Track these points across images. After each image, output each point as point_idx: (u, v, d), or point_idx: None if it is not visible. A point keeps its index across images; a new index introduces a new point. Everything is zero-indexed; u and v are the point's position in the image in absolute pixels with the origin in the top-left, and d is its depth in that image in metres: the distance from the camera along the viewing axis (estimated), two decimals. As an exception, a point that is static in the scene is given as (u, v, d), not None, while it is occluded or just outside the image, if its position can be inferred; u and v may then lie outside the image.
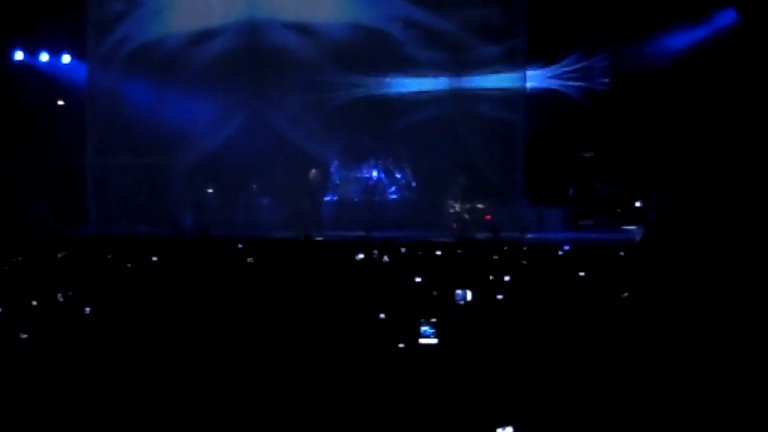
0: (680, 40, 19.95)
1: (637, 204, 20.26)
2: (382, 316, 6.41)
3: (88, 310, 6.94)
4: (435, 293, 7.66)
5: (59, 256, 11.64)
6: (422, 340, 5.51)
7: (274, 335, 5.82)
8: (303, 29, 21.17)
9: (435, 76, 20.95)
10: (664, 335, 4.05)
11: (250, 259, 10.99)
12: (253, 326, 6.15)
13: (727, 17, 19.60)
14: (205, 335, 5.87)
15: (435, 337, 5.51)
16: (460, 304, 7.22)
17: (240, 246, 12.90)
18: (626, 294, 5.80)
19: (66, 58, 22.78)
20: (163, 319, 6.56)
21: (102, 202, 21.85)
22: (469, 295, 7.44)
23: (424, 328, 5.53)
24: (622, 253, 10.35)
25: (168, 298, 7.75)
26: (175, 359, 5.20)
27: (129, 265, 10.61)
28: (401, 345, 5.41)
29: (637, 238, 13.89)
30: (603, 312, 5.49)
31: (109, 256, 11.60)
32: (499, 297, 7.35)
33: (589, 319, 5.31)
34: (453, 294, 7.38)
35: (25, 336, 5.68)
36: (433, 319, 5.56)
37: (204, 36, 21.52)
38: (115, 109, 21.85)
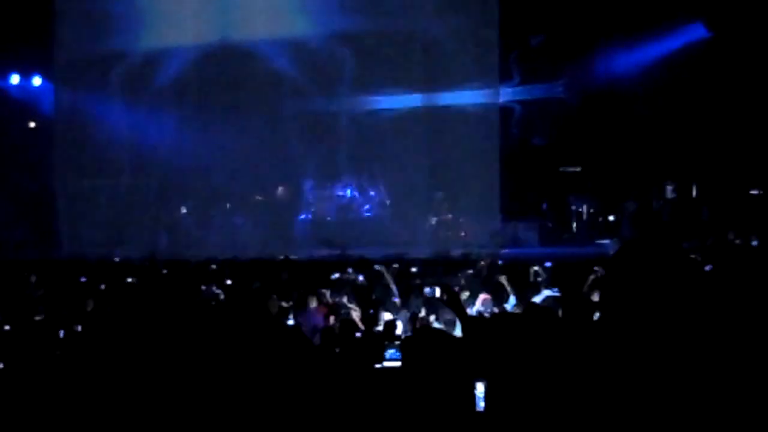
0: (650, 54, 20.08)
1: (611, 218, 20.35)
2: (358, 335, 6.40)
3: (62, 333, 6.90)
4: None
5: (32, 280, 11.55)
6: (387, 363, 5.49)
7: (250, 358, 5.78)
8: (276, 47, 21.15)
9: (408, 92, 20.96)
10: (637, 351, 4.04)
11: (228, 281, 10.96)
12: (228, 349, 6.11)
13: (696, 31, 19.76)
14: (180, 358, 5.82)
15: (400, 360, 5.49)
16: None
17: (213, 267, 12.86)
18: (598, 313, 5.80)
19: (37, 81, 22.65)
20: (138, 341, 6.51)
21: (73, 224, 21.66)
22: (437, 292, 7.50)
23: (389, 351, 5.52)
24: (596, 268, 10.38)
25: (142, 320, 7.69)
26: (151, 381, 5.17)
27: (102, 287, 10.56)
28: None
29: (611, 252, 13.95)
30: (577, 329, 5.48)
31: (83, 279, 11.54)
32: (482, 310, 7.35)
33: (563, 336, 5.31)
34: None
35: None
36: (397, 342, 5.56)
37: (175, 55, 21.43)
38: (84, 130, 21.67)
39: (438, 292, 7.65)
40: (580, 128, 20.31)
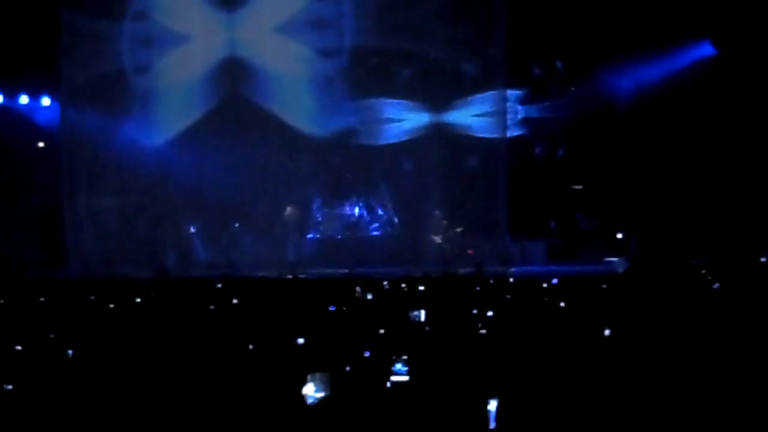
0: (658, 72, 20.10)
1: (619, 236, 20.32)
2: (366, 354, 6.38)
3: (70, 352, 6.89)
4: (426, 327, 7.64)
5: (41, 300, 11.55)
6: (394, 378, 5.46)
7: (259, 376, 5.78)
8: (284, 66, 21.20)
9: (415, 110, 20.99)
10: (647, 368, 4.05)
11: (234, 300, 10.94)
12: (236, 367, 6.11)
13: (704, 50, 19.78)
14: (189, 376, 5.82)
15: (407, 375, 5.47)
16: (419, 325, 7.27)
17: (219, 286, 12.82)
18: (608, 330, 5.80)
19: (45, 101, 22.73)
20: (146, 361, 6.51)
21: (81, 243, 21.68)
22: (422, 316, 7.49)
23: (396, 366, 5.49)
24: (604, 286, 10.36)
25: (150, 339, 7.70)
26: (159, 401, 5.16)
27: (111, 306, 10.55)
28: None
29: (620, 270, 13.93)
30: (586, 346, 5.48)
31: (92, 297, 11.53)
32: (482, 331, 7.34)
33: (572, 353, 5.30)
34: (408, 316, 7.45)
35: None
36: (405, 356, 5.53)
37: (183, 74, 21.51)
38: (91, 149, 21.72)
39: (423, 316, 7.65)
40: (588, 145, 20.33)
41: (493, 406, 4.22)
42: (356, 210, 21.60)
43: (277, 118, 21.16)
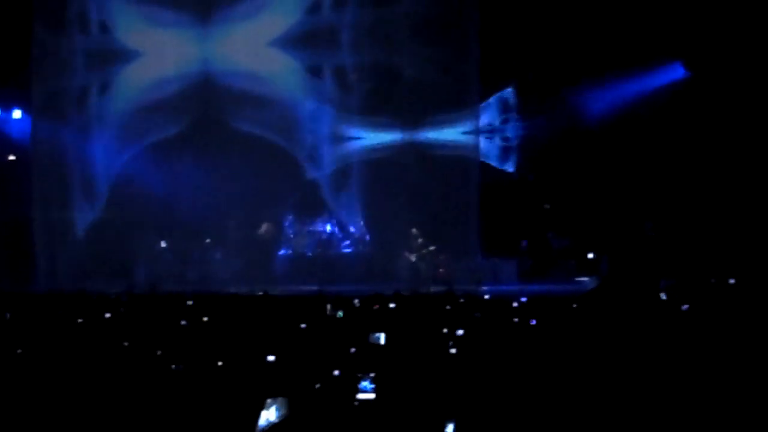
0: (628, 92, 20.23)
1: (590, 255, 20.39)
2: (336, 372, 6.36)
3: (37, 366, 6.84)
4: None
5: (7, 315, 11.45)
6: (360, 395, 5.46)
7: (228, 392, 5.76)
8: (257, 80, 21.20)
9: (388, 127, 21.02)
10: (613, 388, 4.06)
11: (205, 318, 10.88)
12: (205, 384, 6.09)
13: (675, 71, 19.94)
14: (157, 392, 5.80)
15: (374, 392, 5.47)
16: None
17: (190, 303, 12.76)
18: (575, 345, 5.82)
19: (17, 113, 22.61)
20: (114, 376, 6.47)
21: (51, 257, 21.54)
22: (382, 339, 7.46)
23: (363, 383, 5.49)
24: (574, 305, 10.39)
25: (118, 355, 7.65)
26: (127, 417, 5.14)
27: (80, 321, 10.47)
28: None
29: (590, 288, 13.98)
30: (556, 364, 5.49)
31: (60, 312, 11.45)
32: (453, 351, 7.34)
33: (542, 372, 5.32)
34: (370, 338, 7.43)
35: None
36: (371, 374, 5.53)
37: (154, 87, 21.47)
38: (62, 162, 21.65)
39: (383, 340, 7.63)
40: (559, 165, 20.41)
41: (450, 429, 4.22)
42: (328, 227, 21.59)
43: (249, 135, 21.15)
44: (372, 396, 5.47)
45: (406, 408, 4.91)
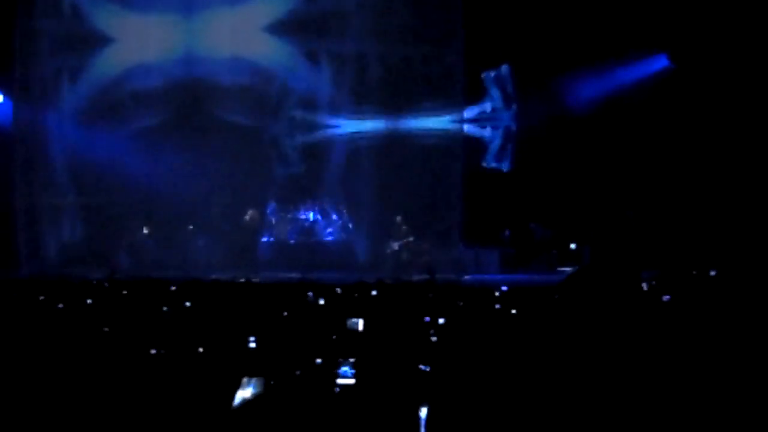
0: (613, 83, 20.28)
1: (573, 246, 20.45)
2: (318, 361, 6.37)
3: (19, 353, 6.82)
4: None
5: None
6: (340, 380, 5.50)
7: (209, 379, 5.76)
8: (239, 70, 21.15)
9: (372, 117, 21.01)
10: (593, 378, 4.08)
11: (187, 303, 10.87)
12: (185, 370, 6.09)
13: (659, 63, 19.99)
14: (139, 378, 5.79)
15: (353, 378, 5.51)
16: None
17: (173, 288, 12.74)
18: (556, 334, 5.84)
19: (-2, 98, 22.51)
20: (95, 362, 6.46)
21: (33, 243, 21.45)
22: (360, 325, 7.48)
23: (343, 369, 5.52)
24: (555, 296, 10.41)
25: (100, 341, 7.64)
26: (108, 402, 5.14)
27: (60, 306, 10.45)
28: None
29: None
30: (535, 352, 5.52)
31: (42, 298, 11.42)
32: (434, 339, 7.36)
33: (520, 359, 5.34)
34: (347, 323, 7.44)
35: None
36: (351, 359, 5.55)
37: (138, 72, 21.38)
38: (45, 148, 21.55)
39: (361, 326, 7.64)
40: (542, 155, 20.45)
41: (423, 412, 4.25)
42: (311, 215, 21.59)
43: (233, 122, 21.12)
44: (352, 381, 5.50)
45: (384, 393, 4.93)
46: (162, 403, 5.10)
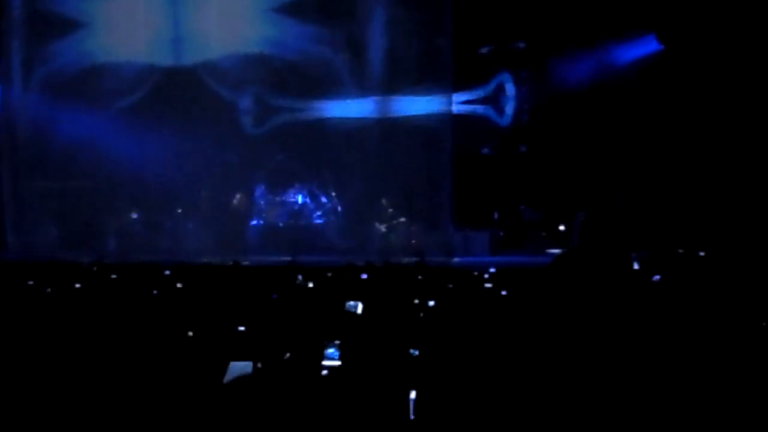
0: (604, 64, 20.26)
1: (562, 228, 20.46)
2: (304, 341, 6.36)
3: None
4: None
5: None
6: (326, 362, 5.51)
7: (198, 363, 5.74)
8: (227, 51, 21.07)
9: (361, 100, 20.97)
10: (581, 360, 4.06)
11: (179, 285, 10.86)
12: (174, 354, 6.07)
13: (649, 44, 19.96)
14: (128, 363, 5.77)
15: (339, 360, 5.51)
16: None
17: (167, 272, 12.73)
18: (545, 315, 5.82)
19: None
20: (84, 347, 6.44)
21: (21, 226, 21.37)
22: (359, 308, 7.46)
23: (329, 350, 5.53)
24: (546, 277, 10.36)
25: (91, 326, 7.61)
26: (97, 387, 5.11)
27: (49, 290, 10.42)
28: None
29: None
30: (524, 333, 5.50)
31: (31, 282, 11.38)
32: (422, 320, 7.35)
33: (509, 341, 5.33)
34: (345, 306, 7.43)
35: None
36: (337, 341, 5.56)
37: (125, 57, 21.26)
38: (32, 132, 21.41)
39: (360, 309, 7.62)
40: (532, 137, 20.46)
41: (413, 395, 4.25)
42: (300, 198, 21.55)
43: (220, 104, 21.07)
44: (337, 363, 5.51)
45: (371, 375, 4.92)
46: (151, 386, 5.08)
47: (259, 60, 21.10)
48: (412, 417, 4.27)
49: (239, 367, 5.05)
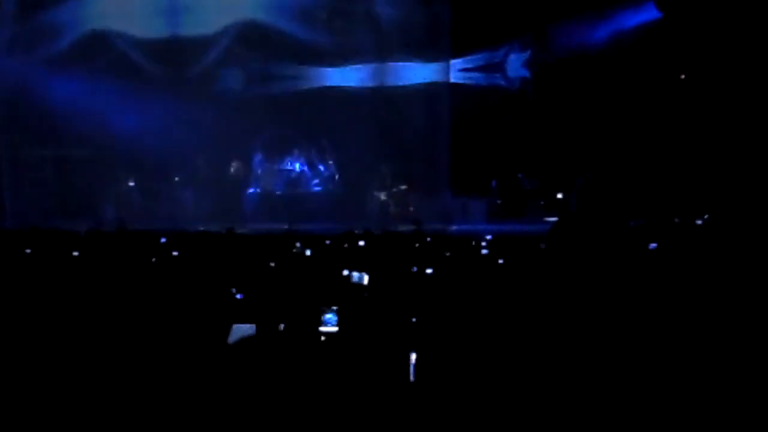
0: (600, 33, 20.18)
1: (559, 196, 20.46)
2: (302, 307, 6.36)
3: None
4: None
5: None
6: (323, 328, 5.52)
7: (198, 330, 5.75)
8: (224, 17, 20.98)
9: (359, 66, 20.92)
10: (578, 327, 4.06)
11: (175, 252, 10.86)
12: (175, 321, 6.07)
13: (649, 11, 19.88)
14: (128, 332, 5.77)
15: (337, 326, 5.52)
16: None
17: (163, 240, 12.73)
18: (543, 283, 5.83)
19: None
20: (81, 314, 6.43)
21: (18, 195, 21.35)
22: (365, 279, 7.45)
23: (326, 316, 5.54)
24: (542, 245, 10.41)
25: (89, 293, 7.61)
26: (93, 355, 5.11)
27: (48, 258, 10.42)
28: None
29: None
30: (522, 301, 5.50)
31: (28, 251, 11.38)
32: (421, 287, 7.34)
33: (508, 308, 5.33)
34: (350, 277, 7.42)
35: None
36: (335, 307, 5.57)
37: (121, 23, 21.18)
38: (29, 100, 21.32)
39: (366, 280, 7.61)
40: (531, 104, 20.42)
41: (413, 358, 4.25)
42: (297, 166, 21.53)
43: (218, 73, 21.02)
44: (335, 329, 5.52)
45: (370, 340, 4.93)
46: (150, 355, 5.08)
47: (256, 28, 21.00)
48: (412, 379, 4.28)
49: (242, 330, 5.07)
